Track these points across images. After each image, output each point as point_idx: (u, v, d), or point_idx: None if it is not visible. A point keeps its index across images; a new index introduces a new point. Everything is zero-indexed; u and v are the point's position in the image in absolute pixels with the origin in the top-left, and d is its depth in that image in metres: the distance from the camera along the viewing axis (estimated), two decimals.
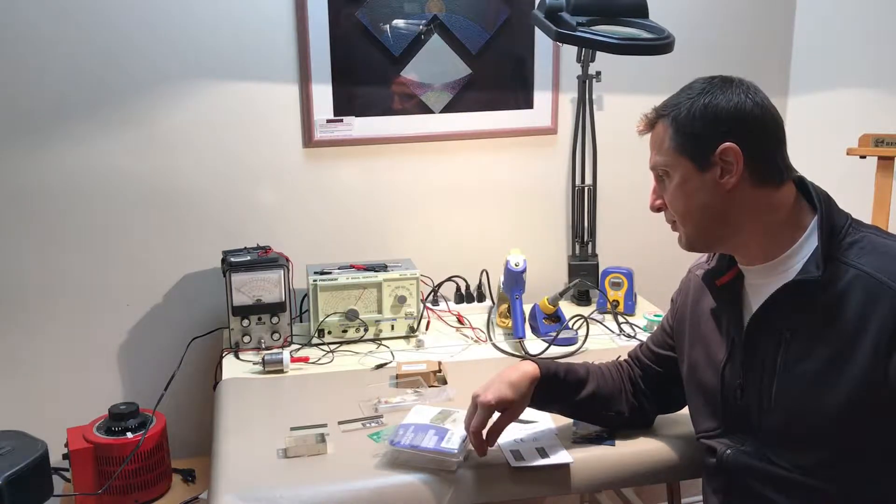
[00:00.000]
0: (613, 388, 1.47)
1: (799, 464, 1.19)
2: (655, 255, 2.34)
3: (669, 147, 1.23)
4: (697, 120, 1.21)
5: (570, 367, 1.46)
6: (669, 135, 1.23)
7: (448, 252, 2.21)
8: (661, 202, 1.29)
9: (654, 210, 1.31)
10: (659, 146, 1.26)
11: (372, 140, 2.12)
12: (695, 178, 1.22)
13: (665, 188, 1.27)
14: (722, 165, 1.20)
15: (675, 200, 1.26)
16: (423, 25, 2.08)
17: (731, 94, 1.20)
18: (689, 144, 1.22)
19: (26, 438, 1.54)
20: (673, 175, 1.24)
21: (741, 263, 1.29)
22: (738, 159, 1.19)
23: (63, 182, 1.96)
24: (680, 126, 1.22)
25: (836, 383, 1.14)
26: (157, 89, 1.97)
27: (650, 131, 1.28)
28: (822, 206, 1.20)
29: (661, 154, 1.25)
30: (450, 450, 1.34)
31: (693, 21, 2.25)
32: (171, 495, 1.83)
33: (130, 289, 2.05)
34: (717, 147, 1.19)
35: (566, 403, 1.45)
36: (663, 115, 1.25)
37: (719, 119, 1.20)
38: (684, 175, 1.23)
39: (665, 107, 1.26)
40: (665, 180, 1.27)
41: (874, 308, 1.12)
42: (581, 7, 1.81)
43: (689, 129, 1.21)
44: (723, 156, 1.19)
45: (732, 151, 1.19)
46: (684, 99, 1.23)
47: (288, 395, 1.71)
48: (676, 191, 1.24)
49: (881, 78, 2.11)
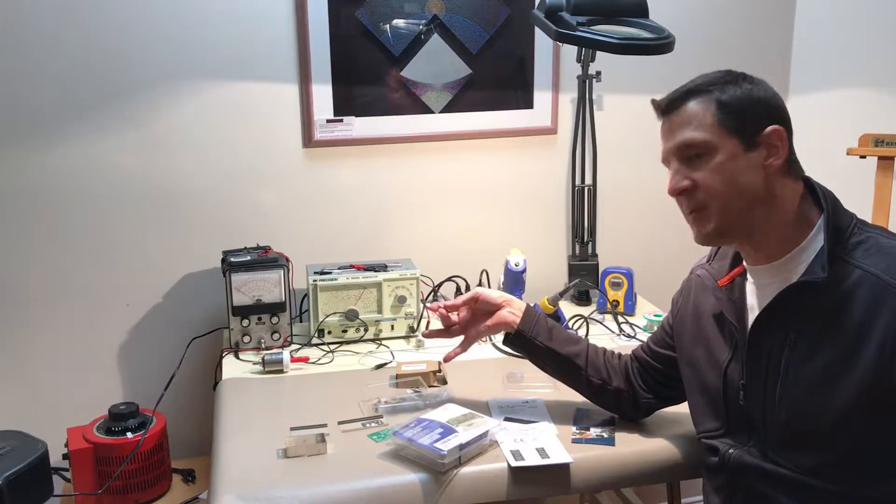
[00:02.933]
0: (606, 362, 1.52)
1: (802, 464, 1.19)
2: (655, 255, 2.34)
3: (714, 123, 1.19)
4: (744, 100, 1.19)
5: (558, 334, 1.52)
6: (712, 112, 1.19)
7: (448, 252, 2.21)
8: (688, 183, 1.22)
9: (678, 193, 1.24)
10: (698, 123, 1.20)
11: (372, 140, 2.12)
12: (741, 157, 1.19)
13: (698, 168, 1.21)
14: (768, 147, 1.19)
15: (714, 179, 1.20)
16: (423, 25, 2.08)
17: (764, 85, 1.21)
18: (738, 122, 1.19)
19: (26, 438, 1.54)
20: (715, 153, 1.19)
21: (747, 262, 1.28)
22: (783, 142, 1.19)
23: (63, 182, 1.96)
24: (726, 104, 1.19)
25: (842, 384, 1.14)
26: (158, 89, 1.97)
27: (675, 110, 1.23)
28: (829, 206, 1.20)
29: (702, 130, 1.20)
30: (438, 450, 1.34)
31: (693, 21, 2.25)
32: (171, 495, 1.83)
33: (130, 289, 2.05)
34: (765, 128, 1.19)
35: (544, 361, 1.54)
36: (699, 93, 1.21)
37: (762, 103, 1.20)
38: (731, 152, 1.19)
39: (700, 86, 1.22)
40: (702, 158, 1.20)
41: (880, 309, 1.12)
42: (581, 7, 1.81)
43: (736, 107, 1.19)
44: (770, 138, 1.19)
45: (779, 134, 1.19)
46: (720, 81, 1.21)
47: (288, 395, 1.71)
48: (719, 169, 1.19)
49: (881, 78, 2.11)
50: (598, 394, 1.52)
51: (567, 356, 1.50)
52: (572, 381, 1.53)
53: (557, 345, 1.50)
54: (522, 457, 1.39)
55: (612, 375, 1.50)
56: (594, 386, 1.50)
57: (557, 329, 1.53)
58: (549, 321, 1.53)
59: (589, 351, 1.52)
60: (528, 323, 1.51)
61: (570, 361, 1.50)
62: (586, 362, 1.50)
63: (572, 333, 1.56)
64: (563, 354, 1.50)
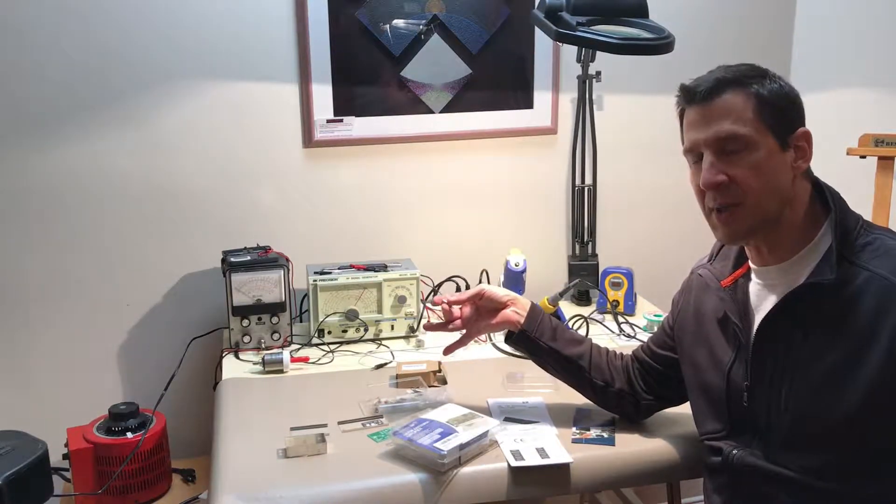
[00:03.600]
0: (609, 363, 1.51)
1: (806, 465, 1.18)
2: (655, 255, 2.34)
3: (754, 119, 1.15)
4: (782, 98, 1.17)
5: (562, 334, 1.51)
6: (753, 106, 1.16)
7: (448, 252, 2.21)
8: (724, 178, 1.17)
9: (714, 187, 1.17)
10: (738, 116, 1.16)
11: (372, 140, 2.12)
12: (777, 155, 1.17)
13: (735, 163, 1.16)
14: (796, 149, 1.18)
15: (754, 176, 1.16)
16: (423, 25, 2.08)
17: (787, 83, 1.18)
18: (776, 121, 1.16)
19: (26, 438, 1.54)
20: (756, 149, 1.16)
21: (755, 263, 1.27)
22: (810, 146, 1.18)
23: (63, 181, 1.96)
24: (765, 100, 1.16)
25: (849, 386, 1.13)
26: (158, 89, 1.97)
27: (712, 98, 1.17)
28: (837, 207, 1.20)
29: (743, 125, 1.15)
30: (438, 450, 1.34)
31: (693, 21, 2.25)
32: (171, 495, 1.83)
33: (130, 289, 2.05)
34: (797, 129, 1.17)
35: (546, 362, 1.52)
36: (737, 84, 1.17)
37: (794, 102, 1.18)
38: (770, 150, 1.16)
39: (736, 77, 1.17)
40: (741, 153, 1.16)
41: (888, 311, 1.11)
42: (581, 7, 1.81)
43: (775, 104, 1.16)
44: (799, 140, 1.17)
45: (807, 137, 1.17)
46: (751, 74, 1.17)
47: (288, 395, 1.71)
48: (760, 165, 1.16)
49: (881, 78, 2.11)
50: (600, 395, 1.51)
51: (570, 357, 1.49)
52: (575, 382, 1.53)
53: (561, 345, 1.50)
54: (522, 457, 1.39)
55: (614, 377, 1.50)
56: (597, 387, 1.50)
57: (561, 329, 1.52)
58: (553, 321, 1.53)
59: (592, 352, 1.51)
60: (533, 323, 1.50)
61: (573, 363, 1.50)
62: (589, 364, 1.50)
63: (576, 334, 1.56)
64: (567, 355, 1.50)
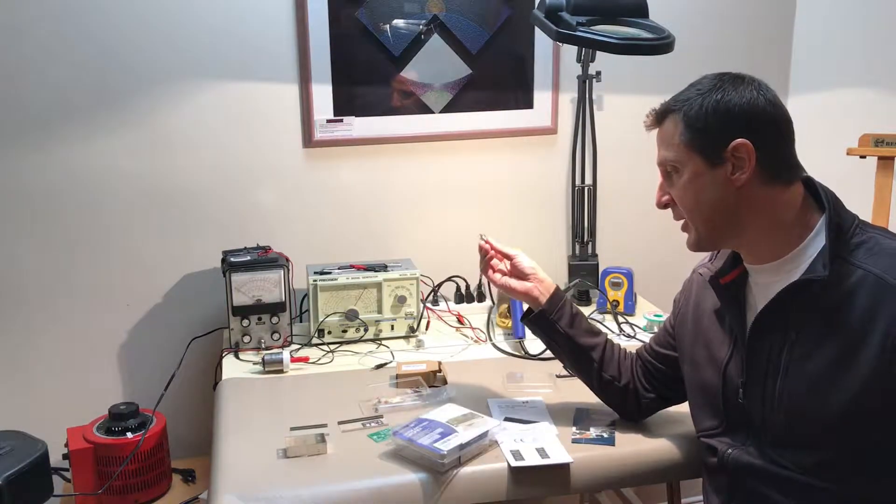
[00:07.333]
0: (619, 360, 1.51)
1: (801, 463, 1.19)
2: (655, 255, 2.34)
3: (680, 142, 1.22)
4: (710, 115, 1.20)
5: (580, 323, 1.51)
6: (680, 130, 1.22)
7: (448, 252, 2.21)
8: (668, 198, 1.28)
9: (661, 206, 1.30)
10: (668, 142, 1.24)
11: (372, 140, 2.12)
12: (706, 174, 1.21)
13: (673, 184, 1.26)
14: (734, 162, 1.19)
15: (684, 196, 1.25)
16: (423, 25, 2.08)
17: (743, 91, 1.19)
18: (701, 140, 1.21)
19: (26, 438, 1.54)
20: (683, 171, 1.23)
21: (747, 262, 1.29)
22: (750, 156, 1.18)
23: (63, 182, 1.96)
24: (691, 121, 1.21)
25: (842, 383, 1.14)
26: (158, 89, 1.97)
27: (658, 126, 1.27)
28: (830, 206, 1.20)
29: (671, 150, 1.24)
30: (438, 450, 1.34)
31: (693, 21, 2.25)
32: (171, 495, 1.83)
33: (130, 289, 2.05)
34: (730, 143, 1.18)
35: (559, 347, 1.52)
36: (673, 111, 1.24)
37: (732, 115, 1.19)
38: (695, 171, 1.22)
39: (675, 102, 1.24)
40: (673, 176, 1.25)
41: (881, 309, 1.12)
42: (581, 7, 1.80)
43: (700, 124, 1.20)
44: (735, 152, 1.18)
45: (745, 148, 1.18)
46: (695, 94, 1.22)
47: (288, 395, 1.71)
48: (686, 186, 1.24)
49: (881, 78, 2.11)
50: (604, 389, 1.51)
51: (584, 347, 1.49)
52: (583, 372, 1.53)
53: (576, 333, 1.50)
54: (522, 457, 1.39)
55: (622, 373, 1.50)
56: (603, 381, 1.50)
57: (581, 317, 1.52)
58: (574, 308, 1.52)
59: (606, 346, 1.51)
60: (553, 305, 1.50)
61: (585, 353, 1.49)
62: (602, 357, 1.49)
63: (593, 325, 1.55)
64: (581, 344, 1.49)
